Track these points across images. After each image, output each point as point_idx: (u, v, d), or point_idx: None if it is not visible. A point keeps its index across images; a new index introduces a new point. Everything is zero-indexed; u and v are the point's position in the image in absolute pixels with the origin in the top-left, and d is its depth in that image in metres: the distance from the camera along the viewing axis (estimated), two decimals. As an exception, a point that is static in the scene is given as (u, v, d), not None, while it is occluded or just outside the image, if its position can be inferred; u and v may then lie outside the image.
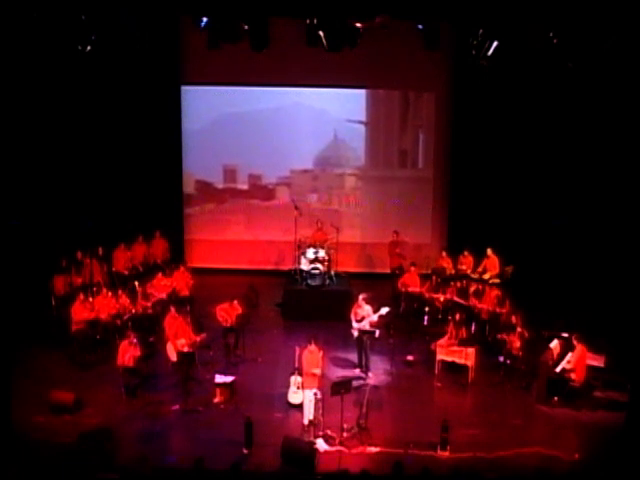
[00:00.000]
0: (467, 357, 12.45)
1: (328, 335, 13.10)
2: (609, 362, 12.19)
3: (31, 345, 13.28)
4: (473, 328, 13.78)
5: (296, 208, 16.45)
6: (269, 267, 17.61)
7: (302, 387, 11.22)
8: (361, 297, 12.79)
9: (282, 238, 17.39)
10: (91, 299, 13.36)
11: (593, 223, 14.85)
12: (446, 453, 10.37)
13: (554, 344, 12.37)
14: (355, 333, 12.77)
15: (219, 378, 11.76)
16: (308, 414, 10.86)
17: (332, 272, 15.98)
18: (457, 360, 12.58)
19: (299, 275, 15.86)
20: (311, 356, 11.14)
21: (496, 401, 12.06)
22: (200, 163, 17.89)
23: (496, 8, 12.54)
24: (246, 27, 13.08)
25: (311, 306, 15.24)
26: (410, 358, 13.23)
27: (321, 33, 12.87)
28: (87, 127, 16.12)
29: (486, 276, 14.93)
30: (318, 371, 11.05)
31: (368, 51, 15.38)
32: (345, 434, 10.60)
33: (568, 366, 11.77)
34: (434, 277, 15.34)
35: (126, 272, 15.43)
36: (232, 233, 18.11)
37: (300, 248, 16.02)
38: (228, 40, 13.40)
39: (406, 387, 12.47)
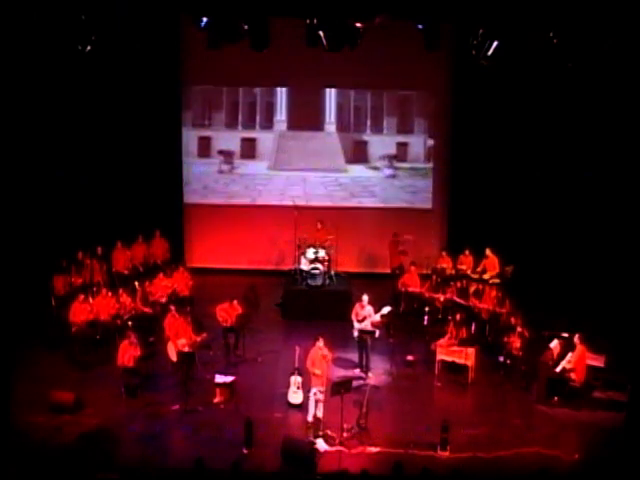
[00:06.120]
0: (467, 357, 12.45)
1: (328, 335, 13.06)
2: (609, 362, 12.18)
3: (31, 345, 13.27)
4: (473, 328, 13.75)
5: (296, 208, 16.44)
6: (269, 267, 17.55)
7: (309, 384, 11.15)
8: (365, 298, 12.80)
9: (282, 238, 17.36)
10: (91, 299, 13.37)
11: (593, 223, 14.87)
12: (446, 453, 10.38)
13: (554, 344, 12.37)
14: (356, 333, 12.79)
15: (219, 378, 11.76)
16: (312, 411, 10.88)
17: (332, 272, 15.96)
18: (457, 360, 12.59)
19: (299, 275, 15.84)
20: (318, 354, 11.13)
21: (496, 401, 12.07)
22: (200, 163, 17.93)
23: (496, 8, 12.54)
24: (246, 27, 13.06)
25: (311, 306, 15.23)
26: (410, 358, 13.21)
27: (321, 33, 12.85)
28: (87, 127, 16.11)
29: (486, 276, 14.92)
30: (319, 372, 11.04)
31: (368, 51, 15.30)
32: (345, 434, 10.60)
33: (568, 366, 11.77)
34: (434, 277, 15.33)
35: (126, 272, 15.42)
36: (232, 233, 18.08)
37: (300, 248, 16.00)
38: (228, 40, 13.36)
39: (406, 387, 12.47)
